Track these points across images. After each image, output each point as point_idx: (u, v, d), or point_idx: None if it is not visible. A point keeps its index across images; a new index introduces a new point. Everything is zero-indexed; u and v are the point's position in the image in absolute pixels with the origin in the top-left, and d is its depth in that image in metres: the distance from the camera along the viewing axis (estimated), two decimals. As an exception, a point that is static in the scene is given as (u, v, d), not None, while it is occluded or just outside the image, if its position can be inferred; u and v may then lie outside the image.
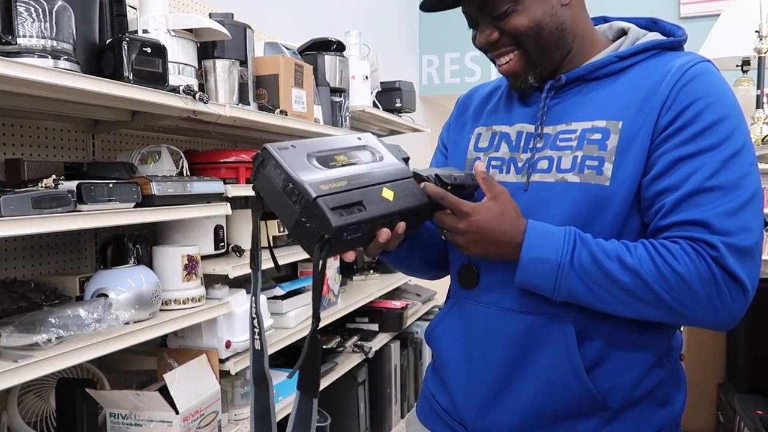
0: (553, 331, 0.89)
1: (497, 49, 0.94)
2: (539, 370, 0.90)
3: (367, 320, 2.62)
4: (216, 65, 1.67)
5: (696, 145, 0.83)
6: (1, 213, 1.03)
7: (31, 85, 1.09)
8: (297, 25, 2.89)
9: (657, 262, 0.81)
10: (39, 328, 1.11)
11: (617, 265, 0.82)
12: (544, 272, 0.85)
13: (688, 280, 0.80)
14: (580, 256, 0.84)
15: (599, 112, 0.90)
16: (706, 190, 0.81)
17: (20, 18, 1.10)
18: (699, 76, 0.86)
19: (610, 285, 0.83)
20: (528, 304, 0.91)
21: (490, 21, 0.92)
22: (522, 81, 0.96)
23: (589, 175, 0.88)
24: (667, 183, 0.84)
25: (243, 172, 1.75)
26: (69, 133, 1.60)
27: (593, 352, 0.89)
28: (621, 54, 0.92)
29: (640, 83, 0.89)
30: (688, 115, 0.84)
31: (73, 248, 1.61)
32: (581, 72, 0.94)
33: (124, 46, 1.32)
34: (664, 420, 0.94)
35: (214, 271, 1.60)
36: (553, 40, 0.92)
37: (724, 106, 0.84)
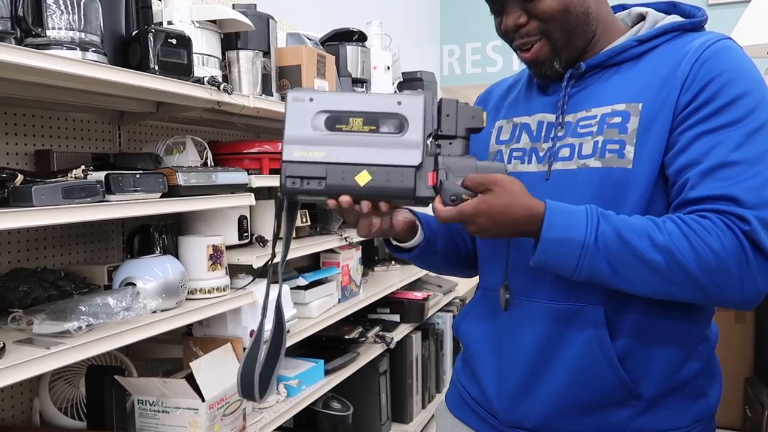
0: (584, 319, 0.89)
1: (522, 37, 0.93)
2: (570, 359, 0.90)
3: (389, 311, 2.62)
4: (239, 56, 1.67)
5: (718, 120, 0.81)
6: (33, 203, 1.05)
7: (60, 76, 1.11)
8: (319, 15, 2.89)
9: (689, 237, 0.78)
10: (70, 316, 1.13)
11: (647, 243, 0.79)
12: (567, 253, 0.82)
13: (722, 257, 0.77)
14: (605, 235, 0.80)
15: (619, 96, 0.89)
16: (731, 164, 0.79)
17: (49, 10, 1.12)
18: (719, 52, 0.84)
19: (637, 264, 0.80)
20: (558, 294, 0.91)
21: (518, 4, 0.91)
22: (546, 68, 0.94)
23: (611, 158, 0.86)
24: (689, 158, 0.82)
25: (266, 162, 1.75)
26: (96, 124, 1.62)
27: (625, 340, 0.88)
28: (641, 38, 0.91)
29: (659, 64, 0.88)
30: (709, 92, 0.82)
31: (101, 238, 1.63)
32: (601, 58, 0.92)
33: (150, 38, 1.33)
34: (700, 412, 0.92)
35: (238, 261, 1.61)
36: (579, 24, 0.91)
37: (745, 81, 0.82)
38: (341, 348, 2.17)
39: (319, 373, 1.97)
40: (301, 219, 2.00)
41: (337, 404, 2.07)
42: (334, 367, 2.02)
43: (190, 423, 1.39)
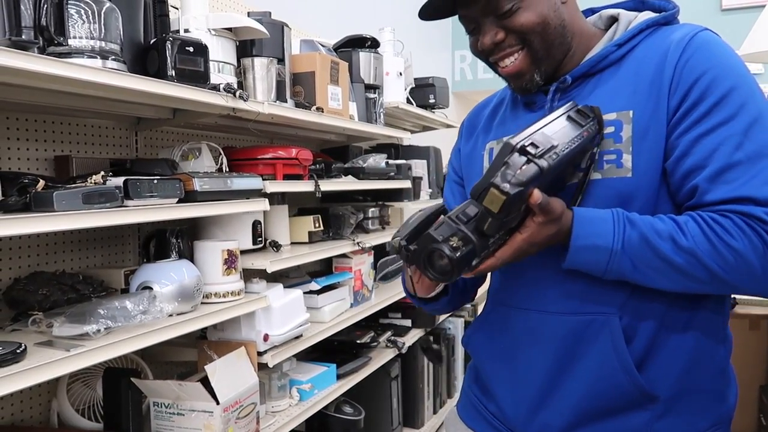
0: (599, 329, 0.88)
1: (502, 50, 0.92)
2: (587, 369, 0.89)
3: (400, 315, 2.63)
4: (254, 63, 1.70)
5: (712, 120, 0.80)
6: (54, 208, 1.07)
7: (81, 84, 1.13)
8: (332, 22, 2.91)
9: (712, 239, 0.79)
10: (89, 319, 1.15)
11: (671, 246, 0.80)
12: (596, 260, 0.83)
13: (744, 256, 0.78)
14: (631, 240, 0.81)
15: (607, 105, 0.88)
16: (735, 165, 0.79)
17: (71, 20, 1.14)
18: (700, 48, 0.84)
19: (663, 266, 0.81)
20: (571, 306, 0.90)
21: (494, 21, 0.90)
22: (527, 80, 0.93)
23: (610, 169, 0.86)
24: (693, 162, 0.81)
25: (280, 168, 1.77)
26: (113, 130, 1.65)
27: (641, 346, 0.88)
28: (619, 41, 0.91)
29: (641, 67, 0.87)
30: (697, 92, 0.82)
31: (118, 242, 1.66)
32: (584, 68, 0.92)
33: (167, 46, 1.35)
34: (719, 416, 0.92)
35: (252, 265, 1.63)
36: (557, 36, 0.91)
37: (731, 76, 0.82)
38: (353, 352, 2.18)
39: (332, 378, 1.98)
40: (314, 224, 2.01)
41: (349, 408, 2.08)
42: (346, 371, 2.04)
43: (204, 425, 1.40)
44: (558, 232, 0.84)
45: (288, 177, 1.80)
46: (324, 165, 2.02)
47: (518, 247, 0.83)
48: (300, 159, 1.81)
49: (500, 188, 0.75)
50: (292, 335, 1.72)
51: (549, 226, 0.82)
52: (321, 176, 1.96)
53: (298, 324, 1.74)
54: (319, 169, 1.97)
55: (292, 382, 1.83)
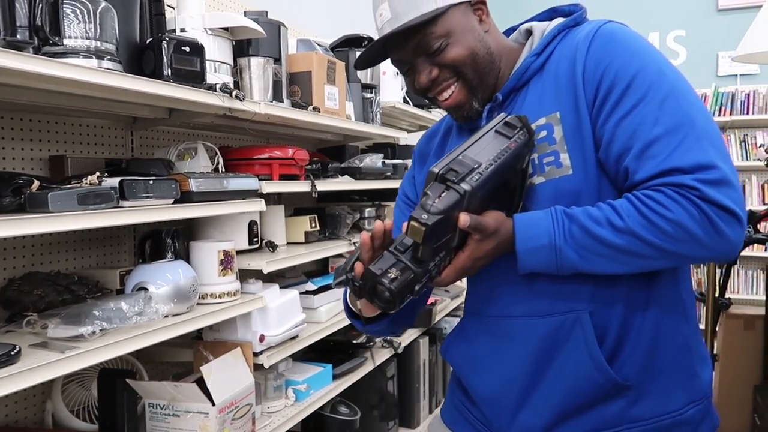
0: (570, 328, 0.91)
1: (439, 85, 0.96)
2: (562, 368, 0.92)
3: (397, 315, 2.63)
4: (251, 63, 1.69)
5: (627, 104, 0.84)
6: (49, 209, 1.07)
7: (76, 84, 1.13)
8: (329, 21, 2.91)
9: (647, 215, 0.81)
10: (84, 320, 1.15)
11: (610, 230, 0.83)
12: (542, 259, 0.86)
13: (682, 224, 0.80)
14: (572, 233, 0.85)
15: (536, 112, 0.92)
16: (656, 139, 0.82)
17: (67, 20, 1.14)
18: (604, 39, 0.88)
19: (609, 251, 0.83)
20: (541, 308, 0.93)
21: (426, 60, 0.95)
22: (467, 110, 0.98)
23: (551, 170, 0.90)
24: (619, 147, 0.85)
25: (276, 168, 1.77)
26: (109, 130, 1.64)
27: (612, 339, 0.91)
28: (536, 51, 0.96)
29: (559, 69, 0.92)
30: (608, 81, 0.85)
31: (113, 242, 1.65)
32: (511, 83, 0.97)
33: (163, 46, 1.35)
34: (693, 393, 0.93)
35: (248, 266, 1.63)
36: (486, 63, 0.96)
37: (636, 59, 0.85)
38: (349, 352, 2.18)
39: (327, 378, 1.98)
40: (310, 224, 2.01)
41: (344, 409, 2.08)
42: (342, 371, 2.03)
43: (200, 426, 1.40)
44: (500, 244, 0.87)
45: (284, 177, 1.79)
46: (320, 165, 2.02)
47: (462, 266, 0.87)
48: (296, 159, 1.81)
49: (419, 220, 0.78)
50: (288, 336, 1.72)
51: (487, 242, 0.86)
52: (317, 176, 1.96)
53: (294, 324, 1.74)
54: (315, 168, 1.96)
55: (288, 383, 1.83)
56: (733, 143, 4.23)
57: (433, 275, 0.84)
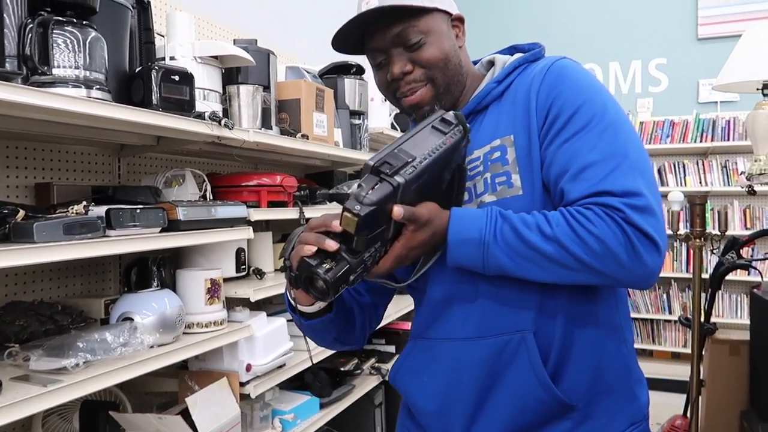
0: (516, 348, 0.93)
1: (408, 84, 0.99)
2: (509, 388, 0.94)
3: (384, 342, 2.61)
4: (240, 91, 1.70)
5: (569, 131, 0.91)
6: (34, 239, 1.06)
7: (65, 114, 1.12)
8: (318, 48, 2.93)
9: (574, 227, 0.85)
10: (67, 353, 1.13)
11: (538, 235, 0.86)
12: (470, 252, 0.89)
13: (604, 241, 0.84)
14: (503, 232, 0.88)
15: (493, 134, 0.98)
16: (591, 164, 0.88)
17: (57, 49, 1.14)
18: (556, 73, 0.95)
19: (534, 255, 0.87)
20: (486, 329, 0.94)
21: (402, 53, 0.98)
22: (427, 112, 1.00)
23: (503, 190, 0.95)
24: (558, 169, 0.91)
25: (264, 195, 1.77)
26: (96, 156, 1.63)
27: (554, 358, 0.93)
28: (497, 78, 1.01)
29: (516, 97, 0.98)
30: (555, 109, 0.92)
31: (98, 270, 1.63)
32: (472, 105, 1.01)
33: (153, 74, 1.35)
34: (633, 414, 0.98)
35: (235, 294, 1.61)
36: (456, 73, 1.00)
37: (583, 92, 0.93)
38: (337, 380, 2.16)
39: (315, 407, 1.95)
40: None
41: (332, 438, 2.05)
42: (329, 400, 2.01)
43: (184, 460, 1.37)
44: (434, 234, 0.89)
45: (273, 204, 1.79)
46: (308, 191, 2.02)
47: (397, 255, 0.88)
48: (285, 186, 1.81)
49: (351, 210, 0.79)
50: (275, 365, 1.70)
51: (421, 232, 0.88)
52: (305, 203, 1.96)
53: (281, 353, 1.72)
54: (303, 195, 1.96)
55: (275, 413, 1.80)
56: (714, 168, 4.30)
57: (368, 266, 0.86)
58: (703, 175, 4.32)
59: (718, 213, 4.18)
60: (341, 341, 1.08)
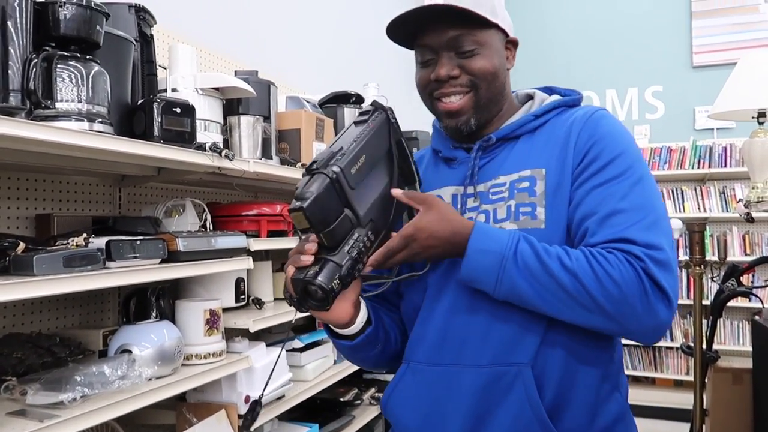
0: (512, 380, 0.92)
1: (452, 87, 0.99)
2: (503, 421, 0.92)
3: (384, 371, 2.59)
4: (241, 121, 1.71)
5: (604, 176, 0.93)
6: (34, 272, 1.05)
7: (67, 147, 1.13)
8: (318, 78, 2.97)
9: (593, 266, 0.87)
10: (65, 387, 1.12)
11: (558, 264, 0.87)
12: (488, 264, 0.89)
13: (620, 284, 0.85)
14: (523, 252, 0.88)
15: (523, 164, 0.98)
16: (620, 211, 0.90)
17: (60, 83, 1.15)
18: (597, 121, 0.98)
19: (550, 282, 0.87)
20: (485, 358, 0.93)
21: (453, 58, 0.99)
22: (463, 122, 1.01)
23: (525, 220, 0.95)
24: (586, 210, 0.92)
25: (264, 224, 1.77)
26: (97, 187, 1.64)
27: (552, 395, 0.92)
28: (536, 113, 1.02)
29: (552, 136, 1.00)
30: (593, 153, 0.95)
31: (98, 300, 1.62)
32: (506, 131, 1.02)
33: (154, 107, 1.36)
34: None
35: (234, 324, 1.60)
36: (499, 91, 1.02)
37: (621, 143, 0.96)
38: (336, 411, 2.14)
39: (314, 438, 1.93)
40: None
41: (331, 470, 2.02)
42: (329, 431, 1.99)
43: (181, 495, 1.35)
44: (455, 234, 0.90)
45: (272, 233, 1.79)
46: (308, 220, 2.02)
47: (407, 234, 0.89)
48: (285, 215, 1.81)
49: (294, 208, 0.83)
50: (274, 396, 1.69)
51: (432, 212, 0.91)
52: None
53: (280, 384, 1.71)
54: (303, 224, 1.96)
55: (274, 445, 1.78)
56: (713, 195, 4.31)
57: (357, 257, 0.87)
58: (702, 201, 4.33)
59: (717, 240, 4.20)
60: (387, 354, 1.06)
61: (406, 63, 4.77)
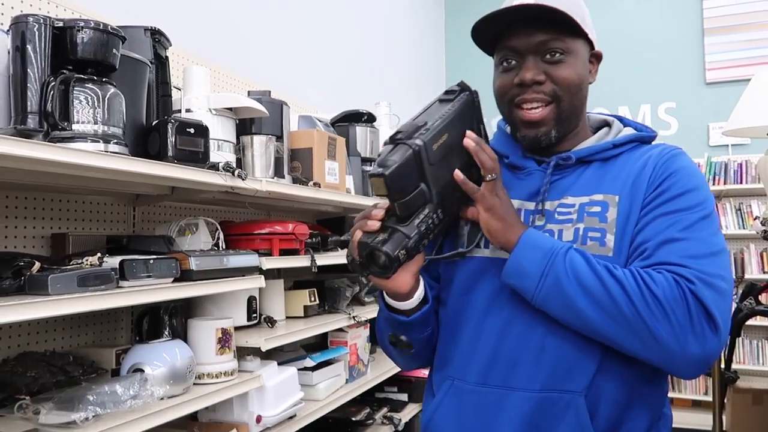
0: (564, 408, 0.89)
1: (535, 93, 0.97)
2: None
3: (396, 389, 2.57)
4: (254, 141, 1.73)
5: (672, 205, 0.93)
6: (49, 291, 1.07)
7: (82, 167, 1.15)
8: (331, 97, 3.00)
9: (638, 281, 0.86)
10: (77, 406, 1.12)
11: (605, 270, 0.87)
12: (536, 258, 0.88)
13: (663, 302, 0.84)
14: (573, 255, 0.89)
15: (595, 188, 0.97)
16: (682, 239, 0.89)
17: (77, 105, 1.17)
18: (675, 157, 0.99)
19: (594, 286, 0.86)
20: (537, 383, 0.90)
21: (539, 63, 0.96)
22: (544, 132, 0.98)
23: (593, 246, 0.93)
24: (648, 234, 0.92)
25: (276, 243, 1.78)
26: (111, 206, 1.66)
27: (602, 428, 0.90)
28: (615, 142, 1.01)
29: (625, 167, 0.99)
30: (666, 184, 0.95)
31: (111, 319, 1.63)
32: (584, 152, 1.00)
33: (169, 128, 1.38)
34: None
35: (246, 343, 1.60)
36: (580, 105, 1.00)
37: (695, 180, 0.96)
38: (348, 431, 2.12)
39: (325, 459, 1.91)
40: (310, 298, 2.00)
41: (343, 491, 2.00)
42: (340, 451, 1.97)
43: None
44: (515, 226, 0.92)
45: (284, 251, 1.80)
46: (320, 238, 2.03)
47: (488, 188, 0.91)
48: (296, 234, 1.82)
49: (375, 174, 0.84)
50: (285, 415, 1.68)
51: (501, 204, 0.92)
52: (317, 249, 1.96)
53: (292, 404, 1.70)
54: (315, 242, 1.97)
55: (285, 465, 1.77)
56: (729, 211, 4.26)
57: (425, 232, 0.88)
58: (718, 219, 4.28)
59: (734, 257, 4.14)
60: (433, 343, 1.04)
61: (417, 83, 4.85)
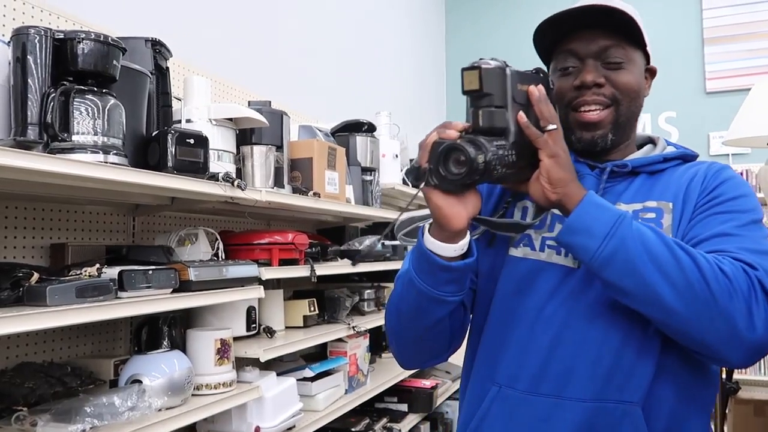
0: (620, 418, 0.87)
1: (595, 95, 0.97)
2: None
3: (396, 400, 2.56)
4: (254, 151, 1.73)
5: (725, 207, 0.93)
6: (47, 303, 1.06)
7: (82, 179, 1.15)
8: (331, 107, 3.00)
9: (708, 257, 0.84)
10: (74, 417, 1.12)
11: (674, 243, 0.85)
12: (604, 217, 0.84)
13: (733, 281, 0.82)
14: (639, 225, 0.86)
15: (646, 195, 0.97)
16: (738, 235, 0.89)
17: (77, 117, 1.17)
18: (724, 169, 1.00)
19: (663, 255, 0.82)
20: (591, 392, 0.88)
21: (598, 67, 0.97)
22: (600, 135, 0.98)
23: None
24: (701, 230, 0.92)
25: (276, 253, 1.77)
26: (111, 216, 1.66)
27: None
28: (666, 156, 1.02)
29: (673, 179, 0.99)
30: (718, 191, 0.95)
31: (109, 329, 1.63)
32: (638, 162, 1.00)
33: (168, 138, 1.38)
34: None
35: (245, 354, 1.60)
36: (636, 111, 1.01)
37: (745, 188, 0.98)
38: (347, 442, 2.11)
39: (325, 470, 1.90)
40: (309, 308, 1.99)
41: (342, 503, 1.99)
42: (339, 462, 1.96)
43: None
44: (577, 183, 0.89)
45: (284, 261, 1.80)
46: (320, 248, 2.03)
47: (551, 136, 0.87)
48: (296, 244, 1.82)
49: (472, 65, 0.83)
50: (284, 426, 1.67)
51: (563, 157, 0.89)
52: (317, 260, 1.96)
53: (291, 414, 1.69)
54: (314, 252, 1.97)
55: (283, 477, 1.76)
56: (729, 220, 4.26)
57: (498, 160, 0.82)
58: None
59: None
60: (453, 322, 0.98)
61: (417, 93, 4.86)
